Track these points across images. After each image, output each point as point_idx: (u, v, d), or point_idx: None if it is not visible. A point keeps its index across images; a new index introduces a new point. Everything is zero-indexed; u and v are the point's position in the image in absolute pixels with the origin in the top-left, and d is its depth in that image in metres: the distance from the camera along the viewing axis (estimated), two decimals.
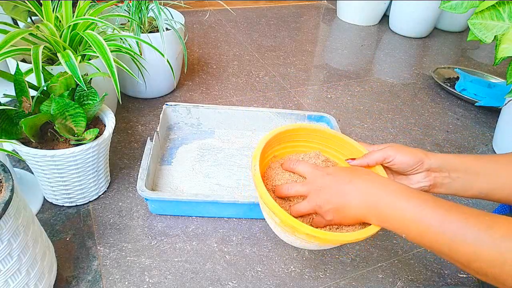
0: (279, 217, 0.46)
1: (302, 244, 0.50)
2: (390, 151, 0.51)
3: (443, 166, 0.50)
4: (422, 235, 0.41)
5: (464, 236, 0.37)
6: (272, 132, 0.57)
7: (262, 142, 0.55)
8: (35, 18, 0.87)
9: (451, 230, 0.38)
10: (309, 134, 0.60)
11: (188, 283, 0.61)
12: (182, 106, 0.89)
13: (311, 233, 0.45)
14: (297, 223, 0.46)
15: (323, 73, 1.30)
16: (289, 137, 0.59)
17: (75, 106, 0.62)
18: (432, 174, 0.51)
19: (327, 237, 0.45)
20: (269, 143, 0.56)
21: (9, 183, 0.44)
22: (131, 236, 0.68)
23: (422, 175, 0.51)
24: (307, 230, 0.45)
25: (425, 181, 0.51)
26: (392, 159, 0.51)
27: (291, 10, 1.82)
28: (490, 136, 1.08)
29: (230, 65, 1.27)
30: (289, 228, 0.47)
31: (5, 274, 0.44)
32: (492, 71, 1.43)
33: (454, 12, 0.87)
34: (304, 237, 0.47)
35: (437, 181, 0.51)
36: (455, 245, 0.38)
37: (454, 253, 0.38)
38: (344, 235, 0.47)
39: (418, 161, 0.50)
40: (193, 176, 0.79)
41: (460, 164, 0.50)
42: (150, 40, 0.88)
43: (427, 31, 1.67)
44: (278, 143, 0.59)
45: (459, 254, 0.38)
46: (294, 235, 0.48)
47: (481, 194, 0.49)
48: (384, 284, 0.65)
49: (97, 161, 0.68)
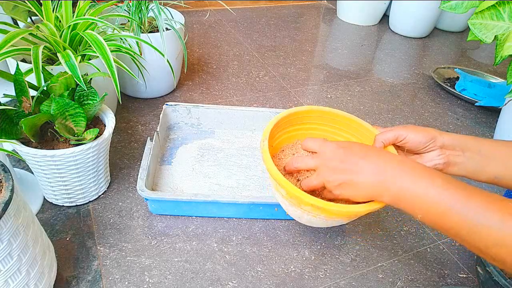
0: (285, 188, 0.46)
1: (309, 218, 0.49)
2: (402, 130, 0.50)
3: (456, 145, 0.49)
4: (442, 217, 0.39)
5: (486, 221, 0.36)
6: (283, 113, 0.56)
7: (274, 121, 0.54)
8: (35, 18, 0.87)
9: (474, 214, 0.37)
10: (321, 116, 0.59)
11: (188, 283, 0.61)
12: (182, 106, 0.89)
13: (316, 204, 0.44)
14: (302, 194, 0.45)
15: (323, 73, 1.30)
16: (301, 119, 0.58)
17: (75, 106, 0.62)
18: (446, 151, 0.49)
19: (333, 208, 0.45)
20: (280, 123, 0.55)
21: (9, 183, 0.44)
22: (131, 236, 0.68)
23: (436, 152, 0.50)
24: (312, 200, 0.44)
25: (439, 159, 0.50)
26: (404, 138, 0.50)
27: (291, 10, 1.81)
28: (490, 136, 1.08)
29: (230, 65, 1.27)
30: (295, 199, 0.46)
31: (5, 274, 0.44)
32: (492, 71, 1.43)
33: (454, 12, 0.87)
34: (310, 209, 0.46)
35: (450, 159, 0.49)
36: (475, 230, 0.37)
37: (472, 238, 0.37)
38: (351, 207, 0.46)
39: (431, 138, 0.49)
40: (193, 176, 0.79)
41: (474, 144, 0.49)
42: (150, 40, 0.88)
43: (427, 31, 1.67)
44: (289, 124, 0.58)
45: (478, 239, 0.37)
46: (300, 208, 0.47)
47: (495, 179, 0.48)
48: (384, 284, 0.65)
49: (97, 161, 0.68)
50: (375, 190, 0.44)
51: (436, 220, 0.40)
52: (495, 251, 0.36)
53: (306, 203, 0.45)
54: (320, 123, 0.60)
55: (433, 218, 0.40)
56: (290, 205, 0.50)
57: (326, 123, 0.60)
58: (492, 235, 0.36)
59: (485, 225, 0.36)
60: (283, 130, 0.58)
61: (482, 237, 0.37)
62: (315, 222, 0.50)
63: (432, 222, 0.41)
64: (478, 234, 0.37)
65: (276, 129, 0.55)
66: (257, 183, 0.79)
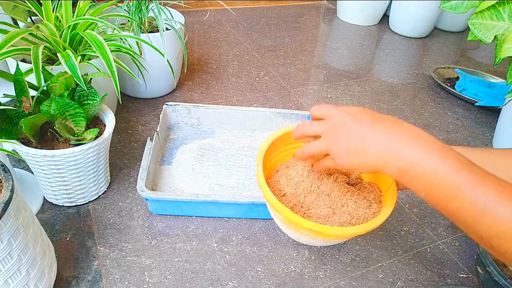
0: (282, 214, 0.46)
1: (307, 240, 0.50)
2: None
3: None
4: (448, 200, 0.37)
5: (496, 210, 0.34)
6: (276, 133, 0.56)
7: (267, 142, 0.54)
8: (35, 18, 0.87)
9: (484, 201, 0.35)
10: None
11: (188, 283, 0.61)
12: (182, 106, 0.89)
13: (313, 228, 0.45)
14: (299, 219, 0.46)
15: (323, 73, 1.30)
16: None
17: (75, 106, 0.62)
18: None
19: (330, 231, 0.45)
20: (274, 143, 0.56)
21: (9, 183, 0.44)
22: (131, 236, 0.68)
23: None
24: (309, 225, 0.45)
25: None
26: None
27: (291, 10, 1.81)
28: (490, 136, 1.08)
29: (230, 65, 1.27)
30: (293, 224, 0.47)
31: (5, 274, 0.44)
32: (492, 71, 1.43)
33: (454, 12, 0.87)
34: (307, 233, 0.47)
35: None
36: (482, 218, 0.35)
37: (478, 226, 0.35)
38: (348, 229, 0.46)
39: None
40: (193, 176, 0.79)
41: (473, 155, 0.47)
42: (150, 40, 0.88)
43: (427, 31, 1.67)
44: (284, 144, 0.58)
45: (483, 227, 0.35)
46: (298, 231, 0.48)
47: None
48: (384, 284, 0.65)
49: (97, 161, 0.68)
50: (381, 161, 0.41)
51: (441, 201, 0.38)
52: (498, 242, 0.35)
53: (304, 227, 0.45)
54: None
55: (437, 198, 0.38)
56: (288, 229, 0.50)
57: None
58: (499, 225, 0.34)
59: (493, 215, 0.34)
60: (277, 150, 0.58)
61: (488, 226, 0.35)
62: (314, 242, 0.51)
63: (435, 202, 0.38)
64: (485, 223, 0.35)
65: (270, 149, 0.55)
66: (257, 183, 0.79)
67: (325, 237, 0.47)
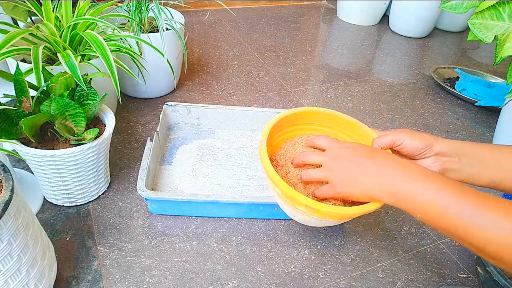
0: (281, 188, 0.47)
1: (303, 218, 0.51)
2: (400, 135, 0.51)
3: (453, 151, 0.50)
4: (439, 217, 0.41)
5: (481, 221, 0.37)
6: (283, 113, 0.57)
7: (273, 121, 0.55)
8: (35, 18, 0.87)
9: (469, 214, 0.38)
10: (320, 117, 0.60)
11: (188, 283, 0.61)
12: (182, 106, 0.89)
13: (309, 205, 0.46)
14: (296, 194, 0.47)
15: (323, 73, 1.30)
16: (300, 119, 0.60)
17: (75, 106, 0.62)
18: (442, 158, 0.50)
19: (325, 209, 0.46)
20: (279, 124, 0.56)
21: (9, 183, 0.44)
22: (131, 236, 0.68)
23: (431, 159, 0.50)
24: (306, 201, 0.46)
25: (434, 166, 0.50)
26: (401, 143, 0.51)
27: (291, 10, 1.81)
28: (490, 136, 1.08)
29: (230, 65, 1.27)
30: (290, 199, 0.48)
31: (5, 274, 0.44)
32: (492, 71, 1.43)
33: (454, 12, 0.87)
34: (303, 209, 0.48)
35: (446, 166, 0.50)
36: (471, 229, 0.38)
37: (469, 237, 0.38)
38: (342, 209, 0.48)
39: (427, 145, 0.50)
40: (193, 176, 0.79)
41: (470, 150, 0.50)
42: (150, 40, 0.88)
43: (427, 31, 1.67)
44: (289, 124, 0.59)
45: (475, 238, 0.38)
46: (295, 207, 0.49)
47: (493, 183, 0.49)
48: (384, 284, 0.65)
49: (97, 161, 0.68)
50: (376, 190, 0.45)
51: (434, 220, 0.41)
52: (491, 250, 0.37)
53: (300, 203, 0.47)
54: (319, 124, 0.60)
55: (431, 217, 0.42)
56: (285, 204, 0.51)
57: (324, 124, 0.60)
58: (487, 234, 0.37)
59: (479, 225, 0.37)
60: (282, 130, 0.59)
61: (478, 236, 0.37)
62: (309, 221, 0.52)
63: (430, 221, 0.42)
64: (474, 233, 0.38)
65: (275, 129, 0.56)
66: (257, 183, 0.79)
67: (320, 215, 0.48)
